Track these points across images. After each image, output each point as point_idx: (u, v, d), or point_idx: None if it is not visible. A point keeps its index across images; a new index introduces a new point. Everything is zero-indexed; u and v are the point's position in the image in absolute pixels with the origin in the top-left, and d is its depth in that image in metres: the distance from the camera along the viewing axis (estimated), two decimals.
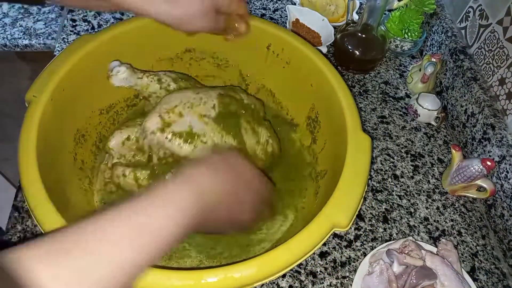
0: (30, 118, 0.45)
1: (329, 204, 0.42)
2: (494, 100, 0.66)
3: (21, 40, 0.78)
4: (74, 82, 0.51)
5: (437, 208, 0.62)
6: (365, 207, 0.60)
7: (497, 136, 0.61)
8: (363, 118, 0.72)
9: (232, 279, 0.36)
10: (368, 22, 0.71)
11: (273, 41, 0.59)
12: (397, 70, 0.81)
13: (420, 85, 0.74)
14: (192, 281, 0.35)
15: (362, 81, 0.78)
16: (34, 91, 0.47)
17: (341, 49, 0.76)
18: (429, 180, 0.65)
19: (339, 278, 0.52)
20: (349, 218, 0.41)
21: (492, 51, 0.67)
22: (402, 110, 0.74)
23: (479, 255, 0.58)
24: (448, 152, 0.69)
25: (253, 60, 0.63)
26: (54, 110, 0.48)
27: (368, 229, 0.58)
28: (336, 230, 0.41)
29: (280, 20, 0.86)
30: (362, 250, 0.56)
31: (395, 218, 0.60)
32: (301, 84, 0.59)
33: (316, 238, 0.39)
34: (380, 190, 0.63)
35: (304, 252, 0.39)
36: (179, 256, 0.51)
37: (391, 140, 0.69)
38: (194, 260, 0.51)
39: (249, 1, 0.90)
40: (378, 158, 0.67)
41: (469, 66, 0.70)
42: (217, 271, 0.36)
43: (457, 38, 0.75)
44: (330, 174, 0.51)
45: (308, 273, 0.53)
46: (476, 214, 0.62)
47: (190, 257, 0.52)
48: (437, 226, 0.60)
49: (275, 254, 0.38)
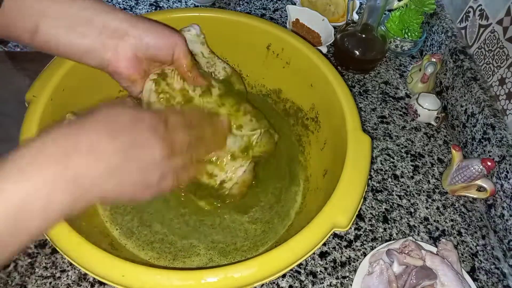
0: (30, 118, 0.45)
1: (329, 204, 0.42)
2: (494, 100, 0.66)
3: None
4: (74, 82, 0.51)
5: (437, 208, 0.62)
6: (365, 207, 0.60)
7: (497, 136, 0.61)
8: (363, 118, 0.72)
9: (232, 279, 0.36)
10: (368, 22, 0.71)
11: (273, 41, 0.59)
12: (397, 70, 0.81)
13: (420, 85, 0.74)
14: (193, 281, 0.35)
15: (362, 81, 0.78)
16: (34, 91, 0.48)
17: (341, 49, 0.76)
18: (429, 180, 0.65)
19: (339, 278, 0.53)
20: (349, 218, 0.41)
21: (492, 51, 0.67)
22: (402, 110, 0.74)
23: (479, 255, 0.58)
24: (448, 152, 0.69)
25: (253, 60, 0.63)
26: (54, 110, 0.48)
27: (368, 229, 0.58)
28: (336, 230, 0.41)
29: (280, 20, 0.86)
30: (362, 250, 0.56)
31: (395, 218, 0.60)
32: (301, 84, 0.59)
33: (316, 238, 0.39)
34: (380, 190, 0.63)
35: (304, 252, 0.38)
36: (185, 255, 0.51)
37: (391, 140, 0.69)
38: (203, 258, 0.51)
39: (249, 1, 0.90)
40: (378, 158, 0.67)
41: (469, 66, 0.70)
42: (217, 271, 0.36)
43: (457, 38, 0.75)
44: (330, 174, 0.51)
45: (308, 273, 0.53)
46: (476, 214, 0.62)
47: (198, 255, 0.51)
48: (437, 226, 0.60)
49: (275, 254, 0.38)
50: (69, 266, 0.50)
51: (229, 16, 0.59)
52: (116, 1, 0.85)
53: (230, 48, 0.60)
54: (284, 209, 0.56)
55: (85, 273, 0.49)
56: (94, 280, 0.49)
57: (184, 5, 0.87)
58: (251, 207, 0.55)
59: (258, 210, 0.55)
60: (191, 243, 0.51)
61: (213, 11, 0.60)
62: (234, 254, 0.51)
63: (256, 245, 0.52)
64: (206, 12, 0.60)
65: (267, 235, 0.53)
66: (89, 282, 0.49)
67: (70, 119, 0.47)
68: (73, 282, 0.48)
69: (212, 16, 0.59)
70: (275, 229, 0.54)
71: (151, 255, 0.50)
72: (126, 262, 0.36)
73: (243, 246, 0.52)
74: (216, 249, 0.51)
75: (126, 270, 0.35)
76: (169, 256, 0.50)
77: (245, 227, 0.54)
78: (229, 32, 0.59)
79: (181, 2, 0.87)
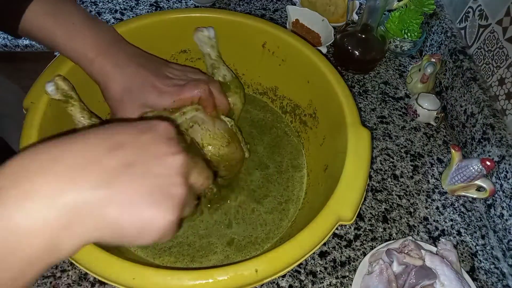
0: (30, 125, 0.45)
1: (333, 198, 0.42)
2: (493, 100, 0.66)
3: (21, 40, 0.78)
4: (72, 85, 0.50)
5: (436, 208, 0.62)
6: (365, 207, 0.60)
7: (496, 136, 0.61)
8: (363, 118, 0.72)
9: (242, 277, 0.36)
10: (368, 22, 0.71)
11: (269, 39, 0.59)
12: (397, 70, 0.81)
13: (419, 85, 0.74)
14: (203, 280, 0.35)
15: (361, 81, 0.78)
16: (31, 98, 0.47)
17: (341, 49, 0.76)
18: (429, 180, 0.65)
19: (338, 278, 0.53)
20: (353, 211, 0.41)
21: (491, 51, 0.68)
22: (402, 110, 0.74)
23: (478, 254, 0.58)
24: (447, 152, 0.69)
25: (249, 58, 0.63)
26: (53, 116, 0.47)
27: (368, 228, 0.58)
28: (342, 223, 0.41)
29: (280, 20, 0.86)
30: (362, 250, 0.56)
31: (395, 218, 0.60)
32: (297, 81, 0.60)
33: (323, 232, 0.40)
34: (380, 190, 0.63)
35: (312, 246, 0.39)
36: (203, 255, 0.51)
37: (391, 140, 0.69)
38: (219, 256, 0.51)
39: (249, 1, 0.90)
40: (378, 158, 0.67)
41: (469, 66, 0.70)
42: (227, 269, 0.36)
43: (456, 38, 0.76)
44: (331, 169, 0.51)
45: (308, 272, 0.53)
46: (475, 214, 0.62)
47: (215, 253, 0.51)
48: (437, 226, 0.60)
49: (283, 250, 0.38)
50: (69, 266, 0.50)
51: (224, 16, 0.59)
52: (116, 1, 0.85)
53: (226, 47, 0.60)
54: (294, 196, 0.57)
55: (86, 273, 0.49)
56: (95, 280, 0.49)
57: (184, 6, 0.87)
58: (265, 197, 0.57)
59: (271, 200, 0.57)
60: (209, 241, 0.52)
61: (209, 11, 0.60)
62: (249, 249, 0.52)
63: (269, 236, 0.53)
64: (202, 12, 0.60)
65: (281, 223, 0.55)
66: (89, 282, 0.49)
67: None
68: (74, 281, 0.48)
69: (208, 16, 0.59)
70: (287, 216, 0.55)
71: (168, 259, 0.50)
72: (136, 265, 0.36)
73: (257, 239, 0.53)
74: (232, 245, 0.52)
75: (136, 272, 0.35)
76: (187, 258, 0.51)
77: (263, 217, 0.55)
78: (225, 32, 0.59)
79: (181, 3, 0.87)
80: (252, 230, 0.54)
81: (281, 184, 0.58)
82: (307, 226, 0.40)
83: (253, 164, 0.60)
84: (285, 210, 0.56)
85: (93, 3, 0.84)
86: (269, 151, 0.62)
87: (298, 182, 0.59)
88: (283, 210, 0.56)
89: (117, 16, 0.82)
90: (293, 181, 0.59)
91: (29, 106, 0.46)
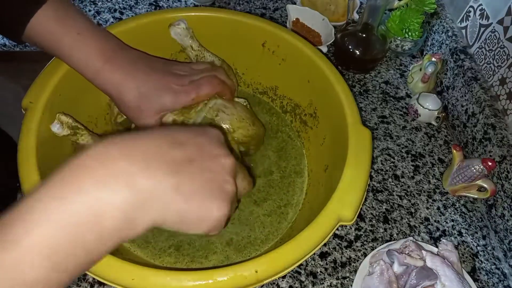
0: (28, 125, 0.44)
1: (333, 198, 0.42)
2: (494, 100, 0.66)
3: None
4: (71, 86, 0.50)
5: (437, 208, 0.62)
6: (366, 207, 0.60)
7: (497, 136, 0.61)
8: (364, 118, 0.71)
9: (242, 278, 0.36)
10: (369, 21, 0.71)
11: (269, 38, 0.59)
12: (398, 69, 0.81)
13: (420, 85, 0.74)
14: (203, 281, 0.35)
15: (362, 80, 0.77)
16: (30, 97, 0.46)
17: (341, 48, 0.76)
18: (430, 180, 0.65)
19: (339, 279, 0.52)
20: (354, 211, 0.41)
21: (492, 51, 0.67)
22: (403, 110, 0.74)
23: (479, 255, 0.58)
24: (448, 152, 0.69)
25: (249, 57, 0.63)
26: (52, 116, 0.47)
27: (369, 229, 0.58)
28: (342, 224, 0.41)
29: (280, 19, 0.86)
30: (363, 251, 0.55)
31: (396, 219, 0.60)
32: (298, 80, 0.59)
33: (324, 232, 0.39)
34: (381, 190, 0.62)
35: (313, 247, 0.39)
36: (202, 255, 0.51)
37: (392, 140, 0.69)
38: (219, 256, 0.51)
39: (249, 0, 0.89)
40: (379, 158, 0.66)
41: (470, 66, 0.70)
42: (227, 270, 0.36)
43: (457, 38, 0.75)
44: (331, 169, 0.51)
45: (308, 273, 0.52)
46: (476, 214, 0.62)
47: (215, 253, 0.51)
48: (438, 227, 0.60)
49: (283, 250, 0.38)
50: None
51: (224, 15, 0.59)
52: (115, 0, 0.85)
53: (226, 46, 0.60)
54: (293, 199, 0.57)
55: (85, 273, 0.49)
56: (94, 280, 0.49)
57: (184, 5, 0.87)
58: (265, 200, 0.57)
59: (271, 203, 0.57)
60: (208, 240, 0.52)
61: (209, 10, 0.60)
62: (249, 249, 0.52)
63: (268, 238, 0.53)
64: (202, 11, 0.60)
65: (280, 225, 0.55)
66: (88, 283, 0.48)
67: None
68: (73, 282, 0.48)
69: (207, 15, 0.59)
70: (286, 218, 0.55)
71: (168, 260, 0.50)
72: (135, 265, 0.35)
73: (256, 239, 0.53)
74: (232, 245, 0.52)
75: (135, 273, 0.35)
76: (187, 259, 0.50)
77: (261, 219, 0.55)
78: (225, 31, 0.59)
79: (180, 2, 0.87)
80: (250, 231, 0.53)
81: (282, 188, 0.58)
82: (307, 226, 0.39)
83: (263, 169, 0.60)
84: (284, 213, 0.55)
85: (92, 2, 0.84)
86: (277, 156, 0.61)
87: (299, 188, 0.58)
88: (282, 213, 0.55)
89: (116, 15, 0.82)
90: (294, 186, 0.58)
91: (28, 106, 0.46)
